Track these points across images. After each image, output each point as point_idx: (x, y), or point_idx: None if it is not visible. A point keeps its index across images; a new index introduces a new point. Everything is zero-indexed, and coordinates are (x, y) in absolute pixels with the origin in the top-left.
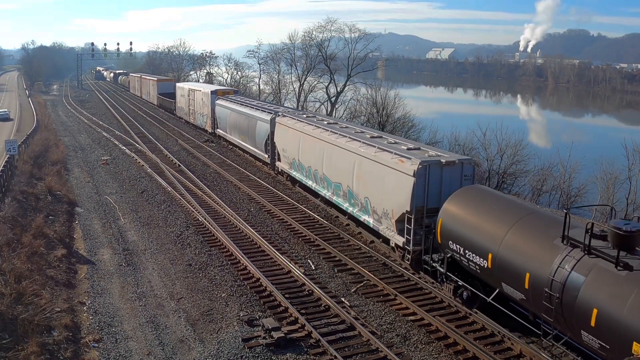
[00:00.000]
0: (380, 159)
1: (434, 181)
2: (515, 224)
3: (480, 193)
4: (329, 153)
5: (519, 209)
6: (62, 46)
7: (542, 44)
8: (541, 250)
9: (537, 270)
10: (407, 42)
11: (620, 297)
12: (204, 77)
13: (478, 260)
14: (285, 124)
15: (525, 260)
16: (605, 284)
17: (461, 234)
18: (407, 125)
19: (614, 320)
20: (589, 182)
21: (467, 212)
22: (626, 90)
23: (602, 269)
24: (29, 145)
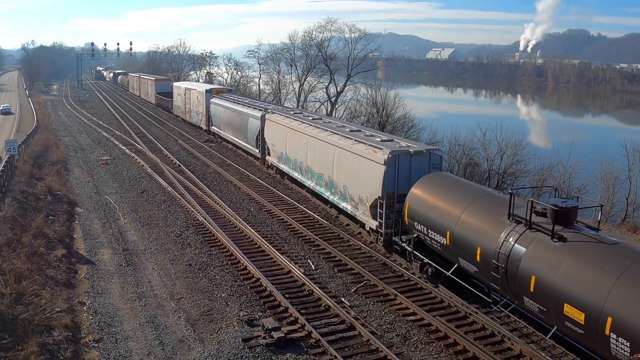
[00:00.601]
0: (356, 150)
1: (404, 169)
2: (470, 205)
3: (444, 179)
4: (312, 146)
5: (475, 191)
6: (62, 46)
7: (542, 44)
8: (490, 227)
9: (487, 244)
10: (407, 42)
11: (554, 265)
12: (204, 77)
13: (439, 239)
14: (274, 120)
15: (477, 236)
16: (542, 254)
17: (425, 215)
18: (407, 125)
19: (549, 286)
20: (589, 182)
21: (431, 196)
22: (626, 90)
23: (540, 241)
24: (29, 145)
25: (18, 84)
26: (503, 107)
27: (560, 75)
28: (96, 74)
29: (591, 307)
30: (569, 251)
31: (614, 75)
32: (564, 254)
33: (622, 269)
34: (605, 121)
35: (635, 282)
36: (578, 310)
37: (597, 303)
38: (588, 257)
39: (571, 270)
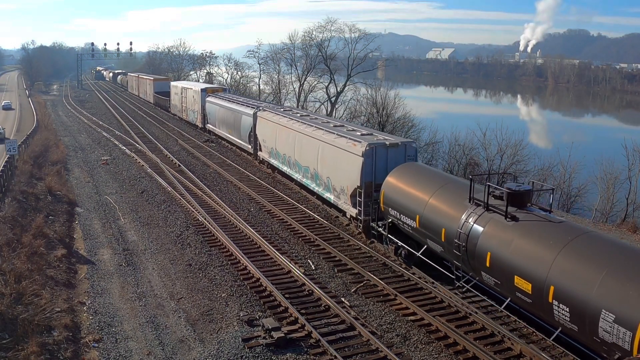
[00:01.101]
0: (338, 144)
1: (381, 160)
2: (437, 191)
3: (416, 168)
4: (299, 141)
5: (442, 178)
6: (62, 46)
7: (542, 44)
8: (453, 210)
9: (450, 225)
10: (407, 42)
11: (507, 241)
12: (204, 77)
13: (410, 222)
14: (265, 118)
15: (442, 218)
16: (496, 232)
17: (398, 202)
18: (407, 125)
19: (502, 260)
20: (589, 182)
21: (404, 183)
22: (626, 90)
23: (496, 221)
24: (29, 145)
25: (18, 84)
26: (503, 107)
27: (560, 75)
28: (96, 74)
29: (536, 278)
30: (520, 229)
31: (614, 75)
32: (515, 232)
33: (563, 243)
34: (605, 121)
35: (574, 255)
36: (526, 281)
37: (541, 274)
38: (535, 234)
39: (520, 246)
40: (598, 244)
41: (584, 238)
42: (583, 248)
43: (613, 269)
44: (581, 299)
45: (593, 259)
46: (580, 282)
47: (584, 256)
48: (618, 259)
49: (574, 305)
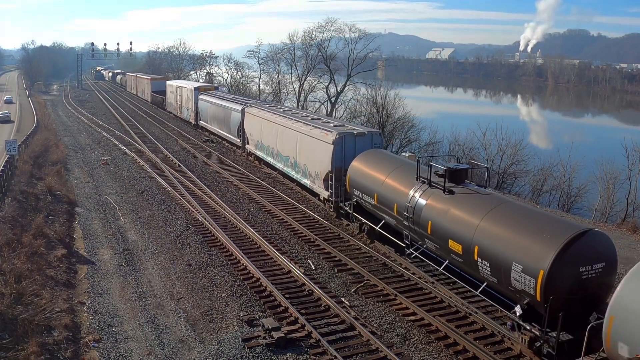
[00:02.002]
0: (312, 134)
1: (349, 148)
2: (392, 172)
3: (378, 154)
4: (280, 133)
5: (398, 162)
6: (62, 46)
7: (542, 44)
8: (403, 187)
9: (400, 200)
10: (407, 42)
11: (443, 211)
12: (204, 77)
13: (370, 200)
14: (252, 113)
15: (394, 195)
16: (436, 204)
17: (361, 183)
18: (407, 125)
19: (440, 227)
20: (589, 182)
21: (366, 167)
22: (626, 90)
23: (436, 195)
24: (29, 145)
25: (18, 84)
26: (503, 107)
27: (560, 75)
28: (96, 74)
29: (465, 240)
30: (454, 201)
31: (614, 75)
32: (451, 203)
33: (486, 211)
34: (605, 121)
35: (493, 219)
36: (457, 243)
37: (468, 237)
38: (466, 204)
39: (454, 215)
40: (513, 211)
41: (503, 206)
42: (501, 214)
43: (521, 230)
44: (498, 255)
45: (507, 222)
46: (497, 241)
47: (501, 220)
48: (526, 222)
49: (493, 260)
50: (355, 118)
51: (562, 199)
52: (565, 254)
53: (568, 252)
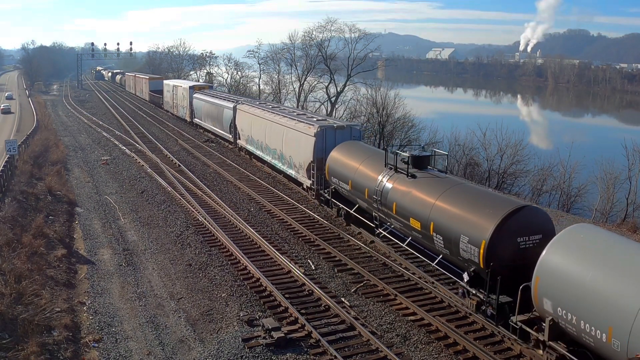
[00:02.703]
0: (297, 128)
1: (330, 140)
2: (364, 160)
3: (354, 145)
4: (269, 128)
5: (371, 152)
6: (62, 46)
7: (542, 44)
8: (373, 173)
9: (371, 185)
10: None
11: (406, 193)
12: (204, 77)
13: (345, 186)
14: (243, 110)
15: (365, 180)
16: (400, 187)
17: (338, 171)
18: (407, 125)
19: (402, 207)
20: (589, 182)
21: (342, 156)
22: (626, 90)
23: (401, 179)
24: (29, 145)
25: (18, 84)
26: (503, 107)
27: (560, 75)
28: (96, 74)
29: (423, 217)
30: (415, 184)
31: (614, 75)
32: (412, 186)
33: (441, 192)
34: (605, 121)
35: (446, 199)
36: (417, 220)
37: (426, 214)
38: (425, 186)
39: (414, 196)
40: (463, 191)
41: (456, 188)
42: (453, 194)
43: (468, 207)
44: (449, 229)
45: (458, 201)
46: (449, 217)
47: (452, 199)
48: (473, 200)
49: (445, 234)
50: (355, 118)
51: (562, 199)
52: (504, 226)
53: (506, 225)
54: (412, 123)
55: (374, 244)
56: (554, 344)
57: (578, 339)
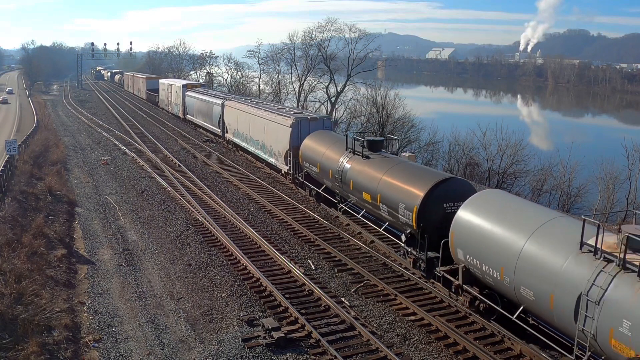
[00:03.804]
0: (276, 120)
1: (304, 130)
2: (330, 146)
3: (323, 134)
4: (252, 121)
5: (335, 138)
6: (62, 46)
7: (542, 44)
8: (336, 156)
9: (334, 166)
10: (407, 42)
11: (361, 172)
12: (204, 77)
13: (314, 169)
14: (230, 106)
15: (330, 162)
16: (356, 166)
17: (309, 156)
18: (407, 125)
19: (357, 184)
20: (589, 182)
21: (313, 143)
22: (626, 90)
23: (357, 160)
24: (29, 145)
25: (18, 84)
26: (503, 107)
27: (560, 75)
28: (96, 74)
29: (372, 190)
30: (368, 163)
31: (614, 75)
32: (366, 165)
33: (387, 169)
34: (605, 121)
35: (390, 174)
36: (367, 194)
37: (375, 188)
38: (375, 165)
39: (367, 173)
40: (405, 168)
41: (399, 166)
42: (396, 170)
43: (406, 180)
44: (391, 199)
45: (399, 175)
46: (391, 189)
47: (395, 174)
48: (411, 174)
49: (389, 203)
50: (355, 118)
51: (562, 199)
52: (432, 194)
53: (434, 193)
54: (412, 123)
55: (374, 244)
56: (467, 287)
57: (483, 279)
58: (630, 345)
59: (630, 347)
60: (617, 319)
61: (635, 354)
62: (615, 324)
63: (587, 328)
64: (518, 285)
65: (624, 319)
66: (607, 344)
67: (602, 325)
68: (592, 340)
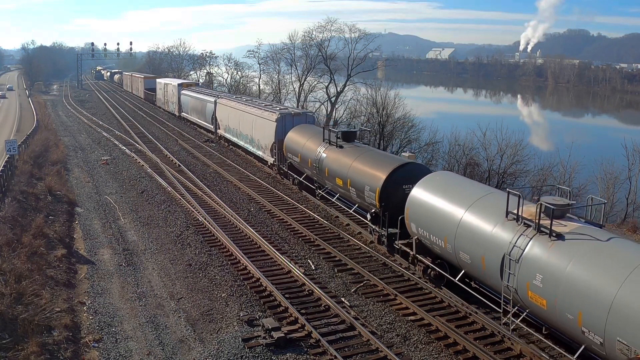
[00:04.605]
0: (263, 115)
1: (288, 124)
2: (310, 138)
3: (305, 127)
4: (242, 117)
5: (315, 131)
6: (62, 46)
7: (542, 44)
8: (315, 146)
9: (311, 156)
10: (407, 42)
11: (335, 160)
12: (204, 77)
13: (296, 159)
14: (222, 103)
15: (309, 152)
16: (332, 155)
17: (292, 147)
18: (407, 125)
19: (332, 170)
20: (589, 182)
21: (295, 136)
22: (626, 90)
23: (332, 149)
24: (29, 145)
25: (18, 84)
26: (503, 107)
27: (560, 75)
28: (96, 74)
29: (344, 176)
30: (342, 152)
31: (614, 75)
32: (340, 154)
33: (356, 156)
34: (605, 121)
35: (359, 161)
36: (340, 179)
37: (345, 174)
38: (347, 154)
39: (339, 161)
40: (371, 155)
41: (367, 153)
42: (364, 157)
43: (371, 165)
44: (359, 182)
45: (366, 161)
46: (359, 173)
47: (363, 160)
48: (376, 160)
49: (356, 187)
50: (355, 118)
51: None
52: (392, 176)
53: (394, 176)
54: (412, 123)
55: (374, 244)
56: (420, 257)
57: (432, 249)
58: (542, 294)
59: (541, 297)
60: (532, 273)
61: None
62: (531, 278)
63: (510, 283)
64: (458, 251)
65: (537, 273)
66: (526, 295)
67: (521, 279)
68: (514, 294)
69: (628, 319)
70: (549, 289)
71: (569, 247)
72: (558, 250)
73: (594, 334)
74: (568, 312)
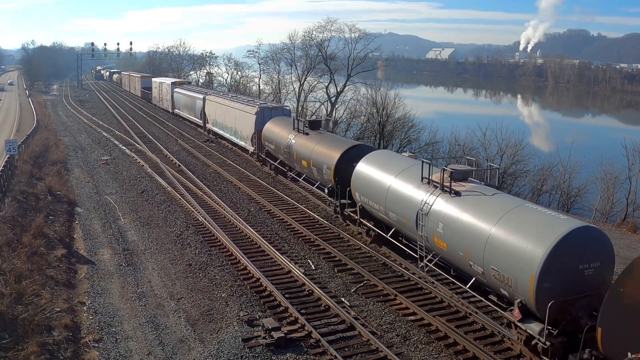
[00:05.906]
0: (244, 109)
1: (267, 117)
2: (283, 128)
3: (280, 119)
4: (227, 112)
5: (288, 122)
6: (62, 46)
7: (542, 44)
8: (287, 135)
9: (284, 143)
10: (407, 42)
11: (302, 145)
12: (204, 77)
13: (272, 147)
14: (210, 99)
15: (282, 140)
16: (299, 141)
17: (268, 137)
18: (407, 125)
19: (299, 154)
20: (589, 182)
21: (272, 126)
22: (626, 90)
23: (300, 136)
24: (29, 145)
25: (18, 84)
26: (503, 107)
27: (560, 75)
28: (96, 74)
29: (307, 157)
30: (307, 138)
31: (614, 75)
32: (305, 140)
33: (318, 141)
34: (605, 121)
35: (320, 145)
36: (305, 161)
37: (309, 156)
38: (311, 139)
39: (305, 146)
40: (331, 139)
41: (328, 138)
42: (325, 142)
43: (329, 147)
44: (319, 163)
45: (326, 144)
46: (320, 155)
47: (324, 145)
48: (334, 144)
49: (317, 166)
50: (355, 118)
51: (562, 199)
52: (344, 156)
53: (346, 155)
54: (412, 123)
55: (374, 245)
56: (364, 221)
57: (372, 213)
58: (443, 239)
59: (443, 240)
60: (436, 223)
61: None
62: (435, 227)
63: (422, 233)
64: (388, 212)
65: (439, 222)
66: (433, 241)
67: (429, 229)
68: (425, 241)
69: (497, 250)
70: (447, 233)
71: (462, 201)
72: (454, 204)
73: (477, 266)
74: (460, 250)
